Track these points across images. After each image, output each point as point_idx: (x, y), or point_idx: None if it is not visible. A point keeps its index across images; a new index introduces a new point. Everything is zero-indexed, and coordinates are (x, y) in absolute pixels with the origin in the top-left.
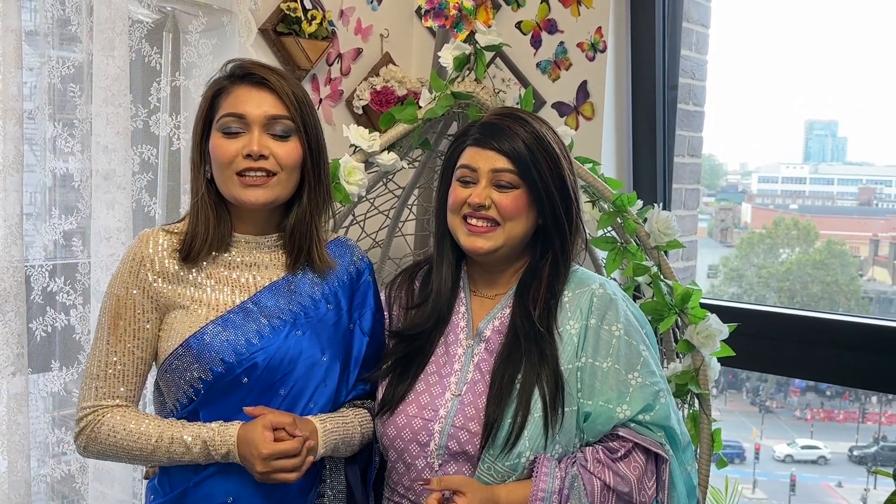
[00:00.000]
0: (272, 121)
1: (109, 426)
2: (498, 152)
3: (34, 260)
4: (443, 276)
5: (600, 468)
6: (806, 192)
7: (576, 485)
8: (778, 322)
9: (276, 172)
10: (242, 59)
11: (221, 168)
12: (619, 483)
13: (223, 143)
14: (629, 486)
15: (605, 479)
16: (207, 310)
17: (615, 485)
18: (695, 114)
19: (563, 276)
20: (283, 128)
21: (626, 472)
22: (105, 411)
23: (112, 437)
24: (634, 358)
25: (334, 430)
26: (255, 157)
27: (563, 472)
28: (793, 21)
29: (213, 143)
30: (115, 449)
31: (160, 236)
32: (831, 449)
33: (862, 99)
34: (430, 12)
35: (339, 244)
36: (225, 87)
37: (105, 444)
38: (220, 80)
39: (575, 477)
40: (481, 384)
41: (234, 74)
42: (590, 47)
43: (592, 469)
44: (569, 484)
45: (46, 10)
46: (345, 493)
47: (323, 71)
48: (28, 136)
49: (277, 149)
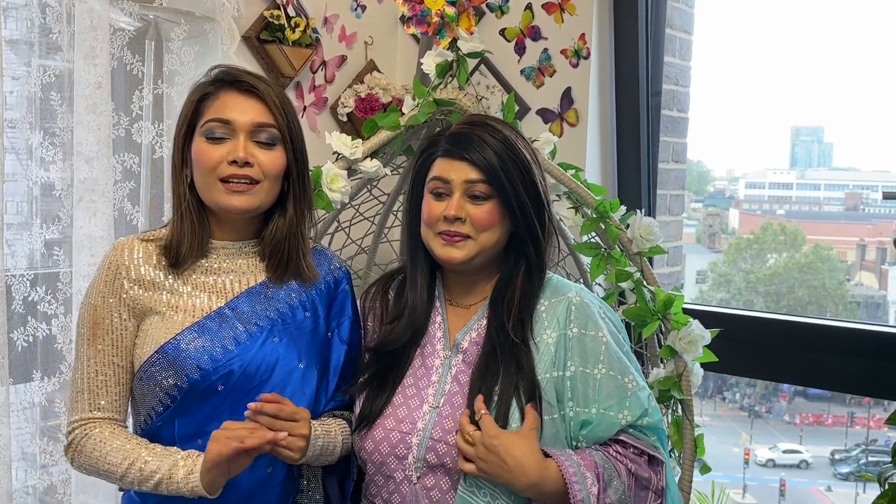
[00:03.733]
0: (258, 128)
1: (92, 444)
2: (469, 163)
3: (16, 269)
4: (418, 289)
5: (620, 456)
6: (793, 197)
7: (607, 465)
8: (764, 327)
9: (259, 180)
10: (229, 65)
11: (204, 174)
12: (639, 469)
13: (207, 148)
14: (645, 469)
15: (627, 465)
16: (184, 315)
17: (636, 470)
18: (679, 120)
19: (537, 284)
20: (269, 136)
21: (640, 462)
22: (93, 425)
23: (92, 458)
24: (622, 363)
25: (319, 435)
26: (241, 164)
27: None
28: (778, 27)
29: (196, 148)
30: (93, 469)
31: (136, 244)
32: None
33: (848, 104)
34: (413, 19)
35: (317, 253)
36: (211, 91)
37: (88, 461)
38: (205, 84)
39: (605, 457)
40: (459, 396)
41: (221, 80)
42: (573, 54)
43: (616, 456)
44: (601, 462)
45: (27, 19)
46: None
47: (307, 78)
48: (9, 146)
49: (262, 157)
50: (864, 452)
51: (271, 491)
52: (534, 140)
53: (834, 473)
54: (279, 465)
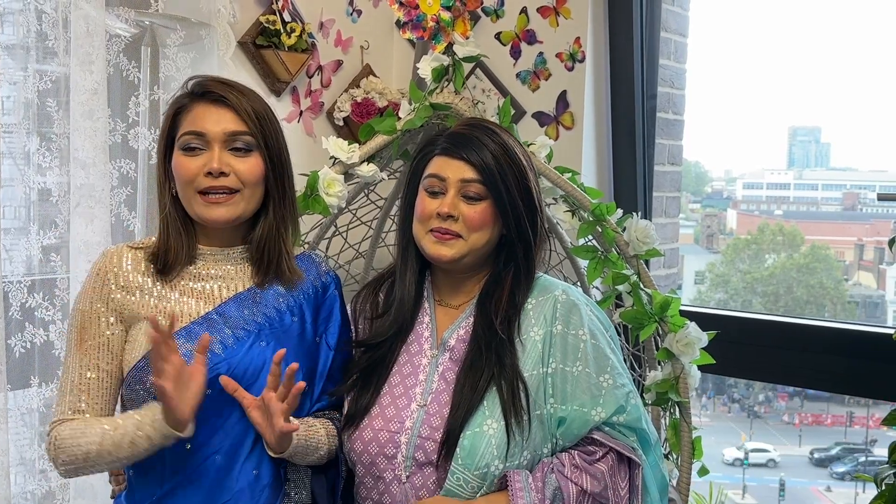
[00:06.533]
0: (232, 137)
1: (67, 433)
2: (466, 163)
3: (13, 275)
4: (406, 285)
5: (577, 473)
6: (790, 197)
7: (557, 495)
8: (762, 328)
9: (237, 189)
10: (202, 76)
11: (183, 186)
12: (595, 485)
13: (184, 161)
14: (603, 486)
15: (582, 484)
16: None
17: (591, 488)
18: (674, 122)
19: (525, 284)
20: (244, 143)
21: (603, 470)
22: (67, 423)
23: (69, 441)
24: (602, 361)
25: (300, 432)
26: (216, 175)
27: (539, 483)
28: (774, 28)
29: (175, 162)
30: (74, 455)
31: (124, 251)
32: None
33: (845, 104)
34: (408, 24)
35: (305, 258)
36: (185, 104)
37: (67, 451)
38: (180, 97)
39: (557, 489)
40: (446, 394)
41: (193, 92)
42: (569, 57)
43: (570, 475)
44: (550, 494)
45: (23, 24)
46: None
47: (303, 83)
48: (6, 151)
49: (239, 165)
50: (845, 451)
51: (259, 494)
52: (530, 144)
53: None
54: (265, 469)
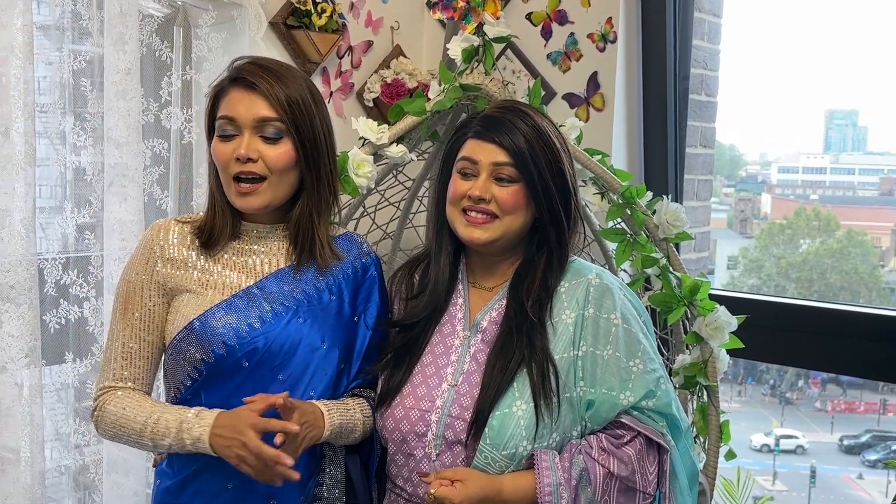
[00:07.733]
0: (262, 123)
1: (112, 408)
2: (498, 146)
3: (48, 253)
4: (441, 267)
5: (605, 456)
6: (826, 182)
7: (584, 476)
8: (794, 313)
9: (265, 176)
10: (246, 58)
11: (221, 171)
12: (622, 468)
13: (219, 146)
14: (631, 470)
15: (609, 467)
16: (213, 292)
17: (618, 471)
18: (707, 104)
19: (558, 268)
20: (274, 130)
21: (630, 454)
22: (113, 392)
23: (113, 416)
24: (634, 345)
25: (337, 415)
26: (244, 161)
27: (566, 463)
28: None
29: (213, 146)
30: (115, 429)
31: (171, 225)
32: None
33: (883, 87)
34: (439, 4)
35: (347, 238)
36: (224, 88)
37: (109, 425)
38: (221, 81)
39: (583, 470)
40: (477, 374)
41: (229, 77)
42: (600, 38)
43: (597, 457)
44: (577, 475)
45: (58, 5)
46: (343, 484)
47: (333, 64)
48: (41, 131)
49: (268, 151)
50: (875, 438)
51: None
52: (560, 125)
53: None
54: None
